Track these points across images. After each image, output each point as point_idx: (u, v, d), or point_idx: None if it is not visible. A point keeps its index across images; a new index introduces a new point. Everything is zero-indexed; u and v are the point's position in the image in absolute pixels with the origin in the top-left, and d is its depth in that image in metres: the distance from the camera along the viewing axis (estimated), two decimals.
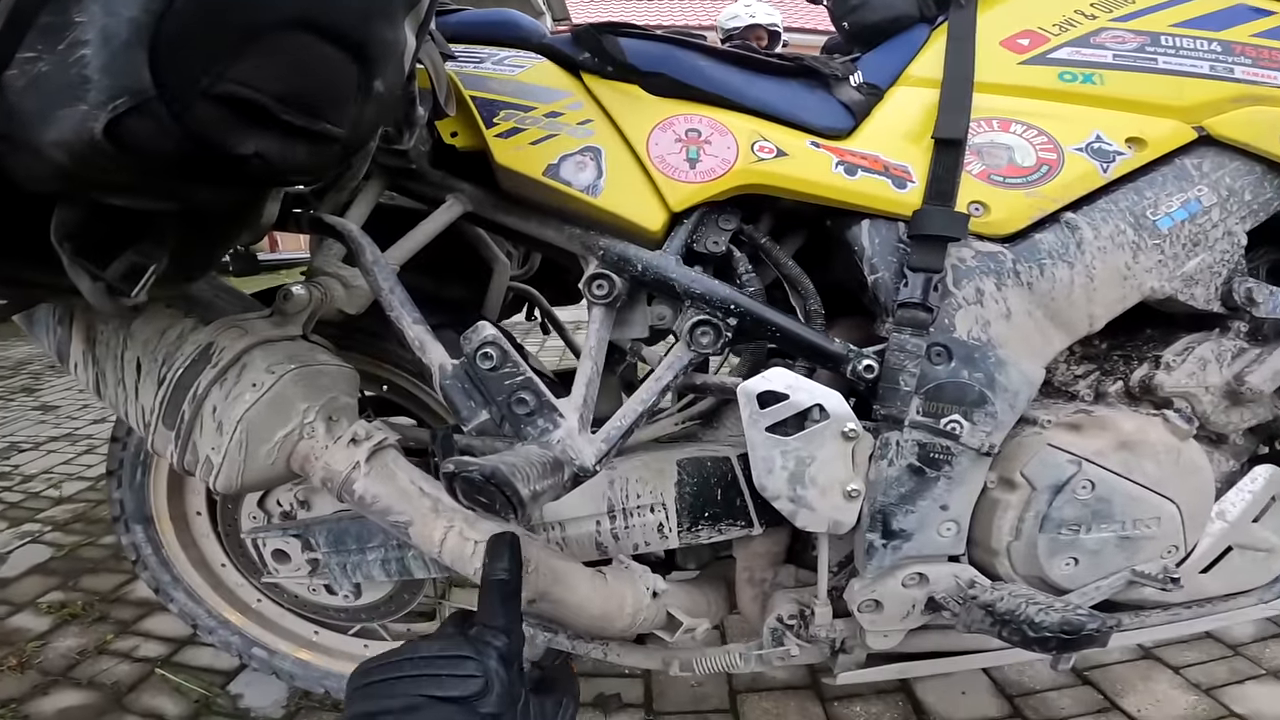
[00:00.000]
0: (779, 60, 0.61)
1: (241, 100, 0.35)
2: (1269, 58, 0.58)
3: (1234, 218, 0.56)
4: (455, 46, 0.62)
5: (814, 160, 0.55)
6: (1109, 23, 0.59)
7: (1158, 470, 0.54)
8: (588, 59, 0.59)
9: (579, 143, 0.56)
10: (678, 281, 0.54)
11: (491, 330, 0.51)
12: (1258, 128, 0.56)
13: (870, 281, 0.55)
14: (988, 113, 0.57)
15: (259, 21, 0.35)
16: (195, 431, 0.55)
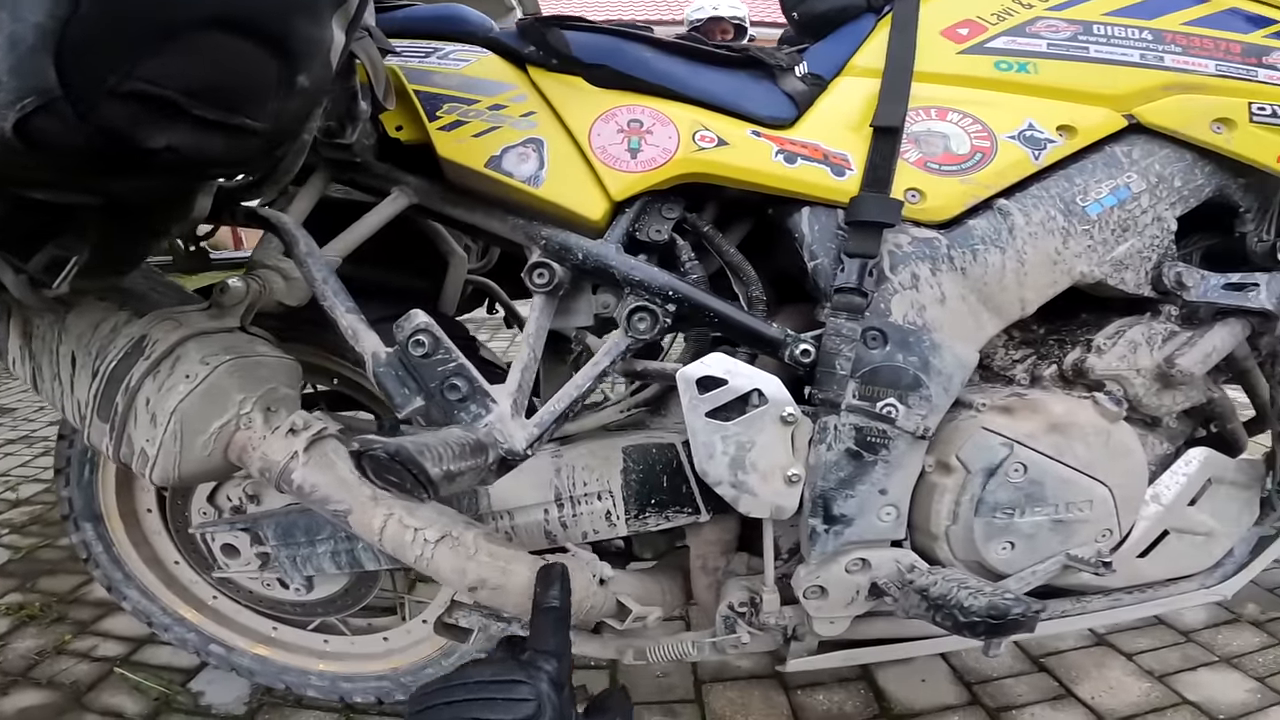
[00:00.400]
0: (725, 51, 0.62)
1: (150, 96, 0.36)
2: (1198, 45, 0.59)
3: (1164, 204, 0.58)
4: (401, 41, 0.63)
5: (754, 149, 0.56)
6: (1045, 11, 0.60)
7: (1088, 452, 0.55)
8: (533, 52, 0.59)
9: (522, 134, 0.56)
10: (617, 269, 0.55)
11: (424, 318, 0.51)
12: (1187, 115, 0.57)
13: (810, 267, 0.56)
14: (926, 101, 0.58)
15: (170, 21, 0.36)
16: (130, 424, 0.55)
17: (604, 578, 0.61)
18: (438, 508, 0.56)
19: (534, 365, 0.55)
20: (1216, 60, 0.58)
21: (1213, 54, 0.59)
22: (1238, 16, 0.60)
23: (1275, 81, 0.58)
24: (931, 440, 0.56)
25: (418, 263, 0.79)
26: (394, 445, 0.42)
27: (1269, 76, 0.58)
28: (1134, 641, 0.99)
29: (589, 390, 0.54)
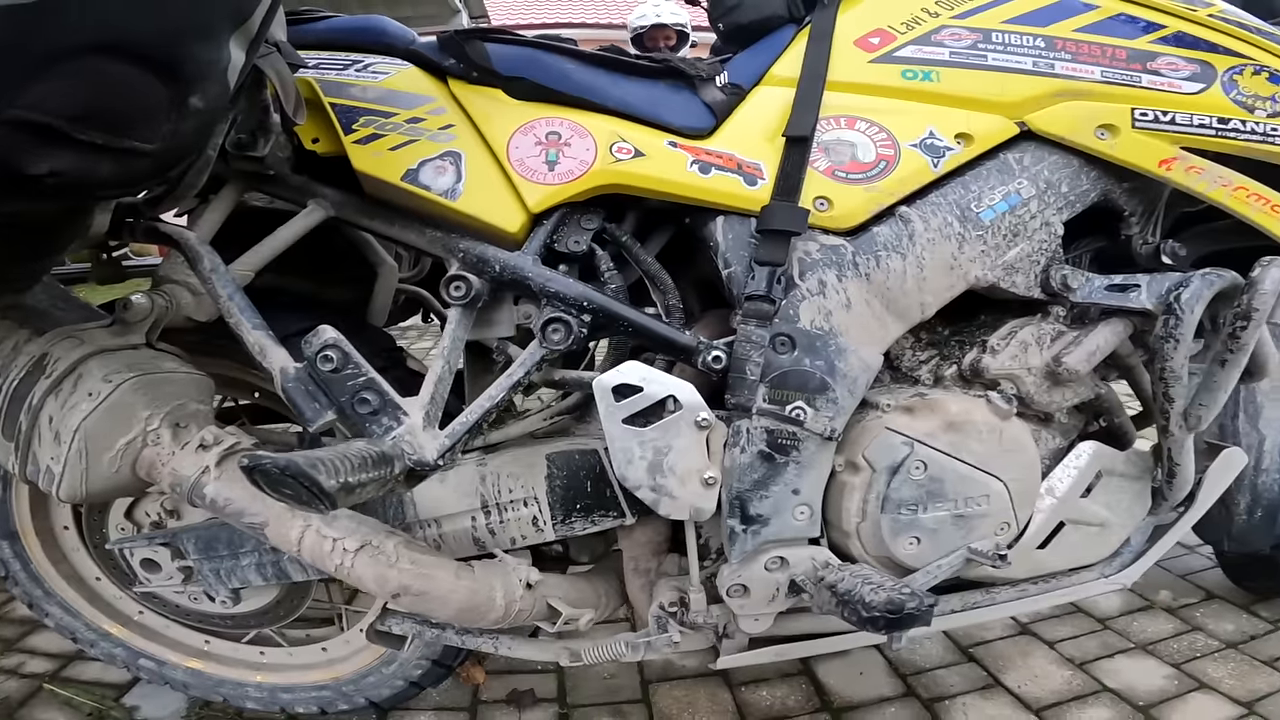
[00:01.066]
0: (646, 62, 0.64)
1: (30, 123, 0.36)
2: (1087, 52, 0.62)
3: (1051, 209, 0.61)
4: (320, 53, 0.63)
5: (670, 160, 0.57)
6: (949, 20, 0.63)
7: (983, 449, 0.59)
8: (453, 65, 0.59)
9: (439, 147, 0.57)
10: (533, 280, 0.55)
11: (332, 334, 0.52)
12: (1074, 122, 0.61)
13: (724, 275, 0.58)
14: (837, 110, 0.60)
15: (49, 50, 0.35)
16: (34, 442, 0.54)
17: (531, 582, 0.62)
18: (357, 517, 0.57)
19: (448, 378, 0.55)
20: (1103, 66, 0.62)
21: (1100, 60, 0.62)
22: (1126, 21, 0.64)
23: (1158, 87, 0.62)
24: (841, 440, 0.59)
25: (347, 273, 0.79)
26: (284, 460, 0.43)
27: (1152, 82, 0.62)
28: (1055, 630, 1.04)
29: (503, 401, 0.55)
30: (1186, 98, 0.62)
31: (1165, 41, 0.64)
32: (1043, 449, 0.64)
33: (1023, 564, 0.66)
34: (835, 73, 0.61)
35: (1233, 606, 1.10)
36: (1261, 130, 0.62)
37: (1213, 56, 0.63)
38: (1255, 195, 0.63)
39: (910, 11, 0.64)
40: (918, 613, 0.50)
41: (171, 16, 0.40)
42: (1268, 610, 1.08)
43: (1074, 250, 0.67)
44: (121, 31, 0.38)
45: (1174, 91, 0.62)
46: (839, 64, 0.62)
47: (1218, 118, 0.62)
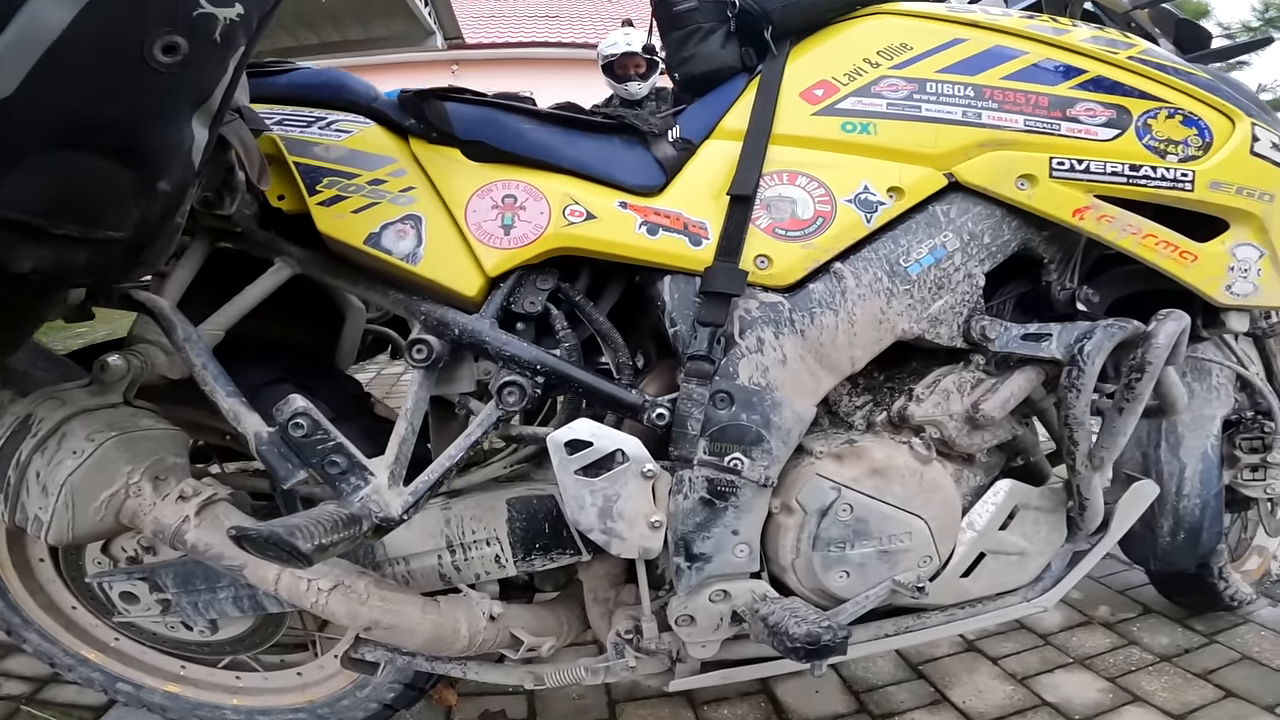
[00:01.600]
0: (601, 119, 0.71)
1: (11, 222, 0.41)
2: (1012, 100, 0.69)
3: (974, 260, 0.69)
4: (284, 109, 0.69)
5: (620, 222, 0.65)
6: (888, 70, 0.70)
7: (904, 491, 0.67)
8: (413, 125, 0.66)
9: (400, 210, 0.63)
10: (490, 344, 0.63)
11: (301, 403, 0.58)
12: (996, 172, 0.68)
13: (671, 334, 0.65)
14: (780, 165, 0.68)
15: (25, 143, 0.41)
16: (22, 494, 0.61)
17: (494, 614, 0.71)
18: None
19: (411, 438, 0.63)
20: (1025, 115, 0.69)
21: (1023, 109, 0.69)
22: (1050, 68, 0.71)
23: (1076, 134, 0.69)
24: (777, 485, 0.68)
25: (314, 315, 0.85)
26: (267, 530, 0.50)
27: (1070, 129, 0.69)
28: (999, 646, 1.14)
29: (463, 458, 0.63)
30: (1101, 144, 0.70)
31: (1084, 87, 0.71)
32: (964, 487, 0.73)
33: (948, 591, 0.75)
34: (780, 125, 0.69)
35: (1168, 621, 1.21)
36: (1172, 176, 0.70)
37: (1129, 101, 0.71)
38: (1163, 242, 0.72)
39: (853, 62, 0.71)
40: (833, 644, 0.59)
41: (133, 104, 0.46)
42: (1202, 624, 1.19)
43: (998, 296, 0.76)
44: (89, 121, 0.43)
45: (1090, 139, 0.70)
46: (784, 117, 0.69)
47: (1130, 164, 0.70)
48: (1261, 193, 0.73)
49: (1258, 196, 0.73)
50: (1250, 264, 0.75)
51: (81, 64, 0.42)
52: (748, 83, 0.72)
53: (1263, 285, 0.76)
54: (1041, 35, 0.73)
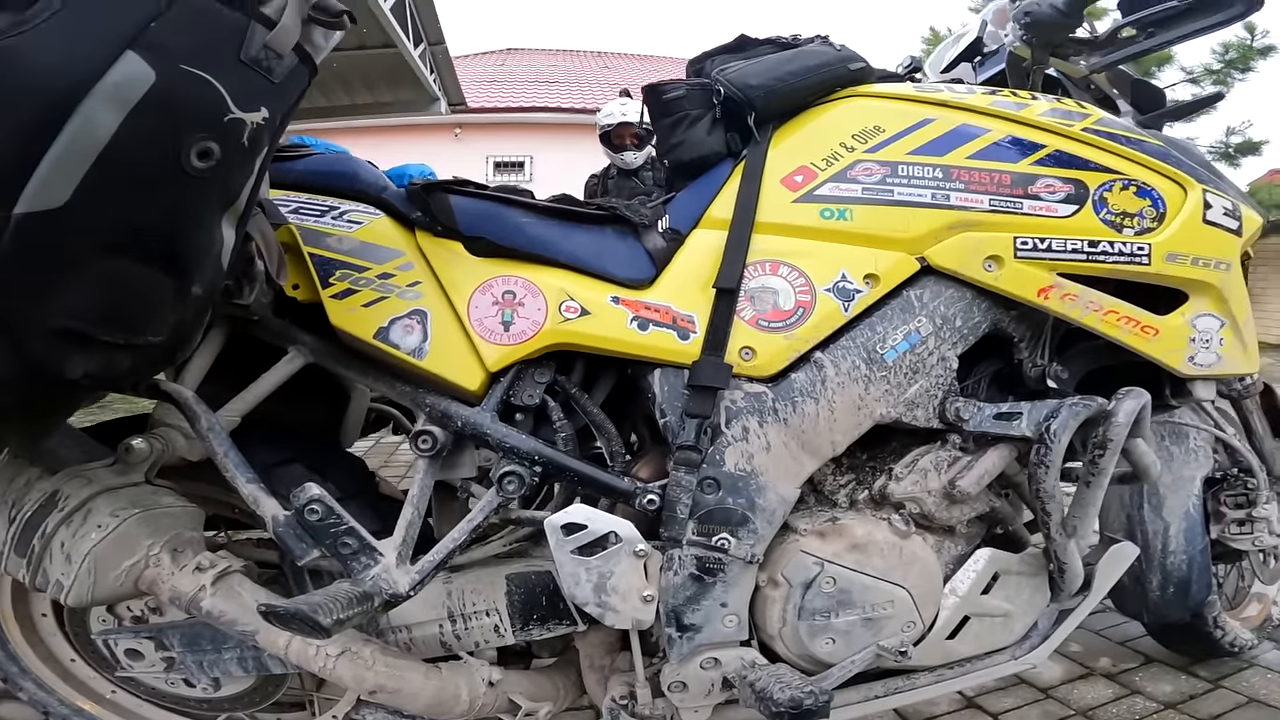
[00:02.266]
0: (595, 210, 0.80)
1: (70, 330, 0.50)
2: (978, 180, 0.78)
3: (947, 344, 0.78)
4: (298, 196, 0.77)
5: (613, 318, 0.73)
6: (863, 154, 0.79)
7: (884, 563, 0.76)
8: (420, 218, 0.75)
9: (408, 305, 0.72)
10: (491, 436, 0.71)
11: (316, 490, 0.67)
12: (964, 254, 0.77)
13: (660, 423, 0.74)
14: (763, 255, 0.76)
15: (73, 256, 0.49)
16: (45, 560, 0.69)
17: (493, 680, 0.79)
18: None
19: (417, 522, 0.71)
20: (990, 194, 0.78)
21: (988, 188, 0.78)
22: (1012, 144, 0.80)
23: (1038, 212, 0.78)
24: (763, 560, 0.76)
25: (321, 394, 0.93)
26: (293, 607, 0.59)
27: (1033, 207, 0.78)
28: (999, 701, 1.21)
29: (465, 542, 0.71)
30: (1061, 221, 0.79)
31: (1044, 162, 0.80)
32: (946, 556, 0.82)
33: (934, 653, 0.83)
34: (764, 213, 0.78)
35: (1170, 669, 1.29)
36: (1129, 250, 0.79)
37: (1086, 174, 0.80)
38: (1125, 318, 0.81)
39: (830, 147, 0.80)
40: (815, 708, 0.68)
41: (172, 209, 0.54)
42: (1206, 670, 1.27)
43: (974, 375, 0.85)
44: (133, 228, 0.51)
45: (1050, 216, 0.79)
46: (767, 204, 0.78)
47: (1088, 241, 0.79)
48: (1218, 262, 0.82)
49: (1214, 266, 0.82)
50: (1212, 334, 0.84)
51: (127, 171, 0.50)
52: (733, 168, 0.81)
53: (1225, 354, 0.85)
54: (1003, 112, 0.82)
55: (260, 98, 0.57)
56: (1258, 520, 1.11)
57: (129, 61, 0.48)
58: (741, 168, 0.80)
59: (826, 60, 0.85)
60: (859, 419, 0.77)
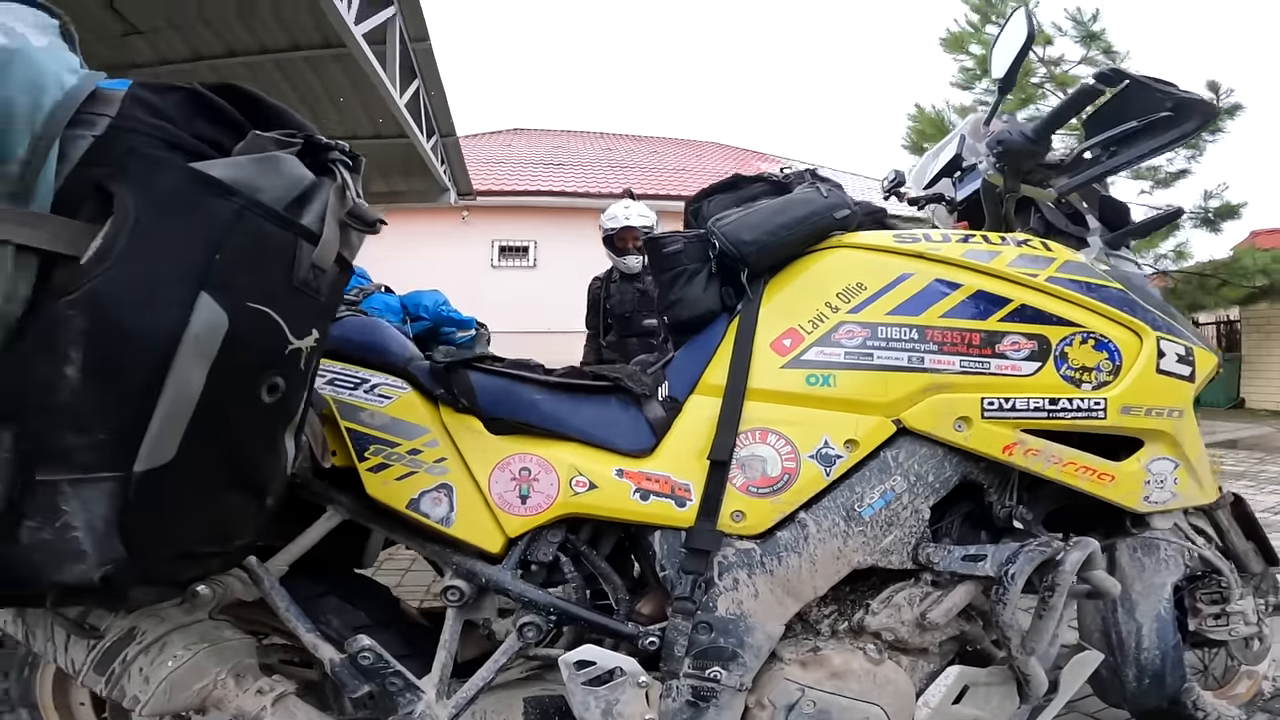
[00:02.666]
0: (601, 383, 0.91)
1: (191, 553, 0.64)
2: (950, 340, 0.88)
3: (920, 498, 0.90)
4: (332, 366, 0.89)
5: (618, 491, 0.86)
6: (846, 315, 0.90)
7: (860, 686, 0.89)
8: (443, 394, 0.87)
9: (435, 480, 0.85)
10: (511, 590, 0.85)
11: (367, 641, 0.82)
12: (937, 417, 0.88)
13: (660, 576, 0.87)
14: (753, 423, 0.88)
15: (185, 498, 0.62)
16: (124, 680, 0.85)
17: None
18: None
19: (450, 663, 0.86)
20: (961, 355, 0.89)
21: (958, 349, 0.89)
22: (981, 300, 0.90)
23: (1003, 371, 0.89)
24: (752, 685, 0.90)
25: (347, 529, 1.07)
26: None
27: (999, 366, 0.89)
28: None
29: (493, 680, 0.86)
30: (1025, 379, 0.90)
31: (1010, 318, 0.91)
32: (920, 673, 0.96)
33: None
34: (755, 380, 0.89)
35: None
36: (1086, 406, 0.90)
37: (1049, 329, 0.91)
38: (1083, 468, 0.92)
39: (816, 307, 0.91)
40: None
41: (253, 441, 0.67)
42: None
43: (948, 517, 0.96)
44: (226, 463, 0.65)
45: (1015, 374, 0.90)
46: (758, 370, 0.89)
47: (1049, 399, 0.90)
48: (1170, 409, 0.93)
49: (1167, 414, 0.93)
50: (1166, 475, 0.95)
51: (216, 419, 0.62)
52: (727, 326, 0.92)
53: (1180, 491, 0.96)
54: (974, 264, 0.92)
55: (312, 321, 0.68)
56: (1233, 614, 1.23)
57: (206, 306, 0.58)
58: (735, 328, 0.90)
59: (814, 210, 0.94)
60: (838, 567, 0.89)
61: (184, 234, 0.58)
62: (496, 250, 10.81)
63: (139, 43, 4.70)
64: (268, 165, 0.62)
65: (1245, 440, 6.60)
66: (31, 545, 0.58)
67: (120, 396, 0.57)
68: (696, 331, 0.95)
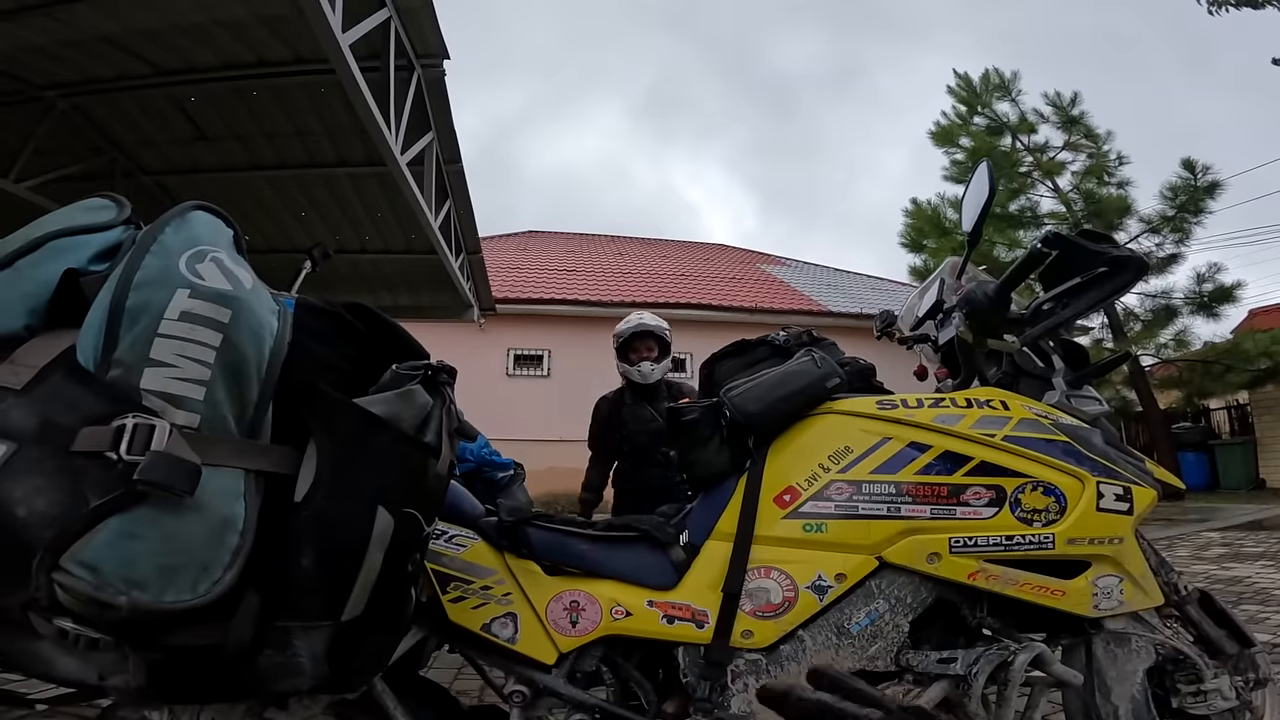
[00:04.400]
0: (633, 531, 1.13)
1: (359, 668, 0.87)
2: (923, 494, 1.09)
3: (900, 615, 1.11)
4: None
5: (649, 616, 1.07)
6: (836, 475, 1.11)
7: None
8: (507, 544, 1.10)
9: (503, 610, 1.08)
10: (563, 694, 1.07)
11: None
12: (912, 553, 1.09)
13: (684, 683, 1.09)
14: (759, 561, 1.09)
15: (364, 642, 0.84)
16: None
17: None
18: None
19: None
20: (931, 505, 1.09)
21: (930, 499, 1.10)
22: (948, 459, 1.10)
23: (967, 516, 1.09)
24: None
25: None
26: None
27: (963, 513, 1.09)
28: None
29: None
30: (985, 522, 1.10)
31: (973, 472, 1.11)
32: None
33: None
34: (760, 528, 1.11)
35: None
36: (1036, 540, 1.10)
37: (1005, 480, 1.11)
38: (1038, 587, 1.11)
39: (810, 469, 1.12)
40: None
41: (403, 598, 0.89)
42: None
43: (928, 627, 1.16)
44: (389, 616, 0.88)
45: (977, 519, 1.10)
46: (762, 520, 1.11)
47: (1005, 535, 1.09)
48: (1111, 538, 1.12)
49: (1108, 542, 1.12)
50: (1112, 588, 1.14)
51: (387, 585, 0.82)
52: (737, 483, 1.13)
53: (1127, 599, 1.15)
54: (943, 427, 1.12)
55: (433, 512, 0.91)
56: (1209, 691, 1.39)
57: (381, 516, 0.80)
58: (743, 484, 1.12)
59: (810, 381, 1.15)
60: None
61: (364, 464, 0.80)
62: (512, 359, 11.24)
63: (205, 149, 5.11)
64: (406, 398, 0.84)
65: (1270, 520, 6.69)
66: (266, 666, 0.77)
67: (335, 575, 0.78)
68: (711, 485, 1.17)
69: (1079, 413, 1.22)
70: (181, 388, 0.68)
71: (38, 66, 4.14)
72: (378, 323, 0.92)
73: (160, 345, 0.68)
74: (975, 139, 11.19)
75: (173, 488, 0.64)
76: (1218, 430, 12.21)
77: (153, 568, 0.64)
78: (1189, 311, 9.56)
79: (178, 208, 0.79)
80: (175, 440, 0.65)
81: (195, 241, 0.76)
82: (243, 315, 0.74)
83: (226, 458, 0.71)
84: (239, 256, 0.82)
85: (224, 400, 0.72)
